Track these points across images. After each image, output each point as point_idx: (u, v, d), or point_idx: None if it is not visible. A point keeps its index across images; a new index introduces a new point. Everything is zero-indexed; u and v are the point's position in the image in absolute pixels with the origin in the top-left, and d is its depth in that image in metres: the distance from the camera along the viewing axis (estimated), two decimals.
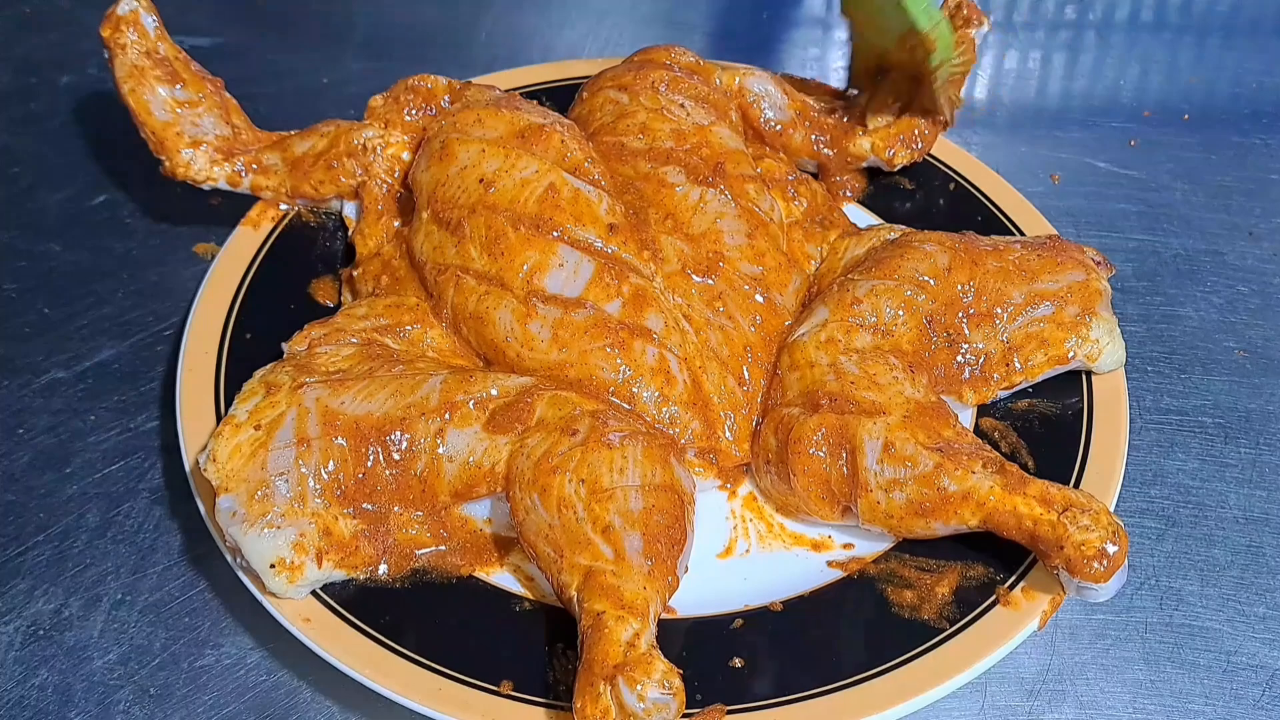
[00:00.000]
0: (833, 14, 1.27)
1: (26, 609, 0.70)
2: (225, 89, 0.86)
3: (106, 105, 1.06)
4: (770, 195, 0.82)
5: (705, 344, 0.75)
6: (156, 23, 0.83)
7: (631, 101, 0.80)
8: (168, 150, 0.83)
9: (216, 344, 0.78)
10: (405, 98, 0.85)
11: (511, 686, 0.62)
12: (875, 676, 0.62)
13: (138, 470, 0.78)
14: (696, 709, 0.60)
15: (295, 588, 0.64)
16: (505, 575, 0.68)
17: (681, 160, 0.76)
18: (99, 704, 0.66)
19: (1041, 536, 0.63)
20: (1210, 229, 0.99)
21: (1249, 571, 0.74)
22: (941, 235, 0.78)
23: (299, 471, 0.65)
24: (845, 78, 0.95)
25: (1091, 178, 1.04)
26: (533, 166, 0.76)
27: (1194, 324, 0.90)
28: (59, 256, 0.93)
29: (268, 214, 0.86)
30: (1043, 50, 1.22)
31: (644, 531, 0.62)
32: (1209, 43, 1.24)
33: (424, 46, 1.17)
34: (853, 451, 0.67)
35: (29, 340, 0.86)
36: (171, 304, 0.89)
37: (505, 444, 0.66)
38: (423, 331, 0.75)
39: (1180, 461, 0.80)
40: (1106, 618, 0.71)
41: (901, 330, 0.73)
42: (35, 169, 1.01)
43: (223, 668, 0.68)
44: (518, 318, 0.73)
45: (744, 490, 0.74)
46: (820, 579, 0.69)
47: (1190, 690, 0.68)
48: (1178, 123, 1.11)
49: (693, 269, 0.76)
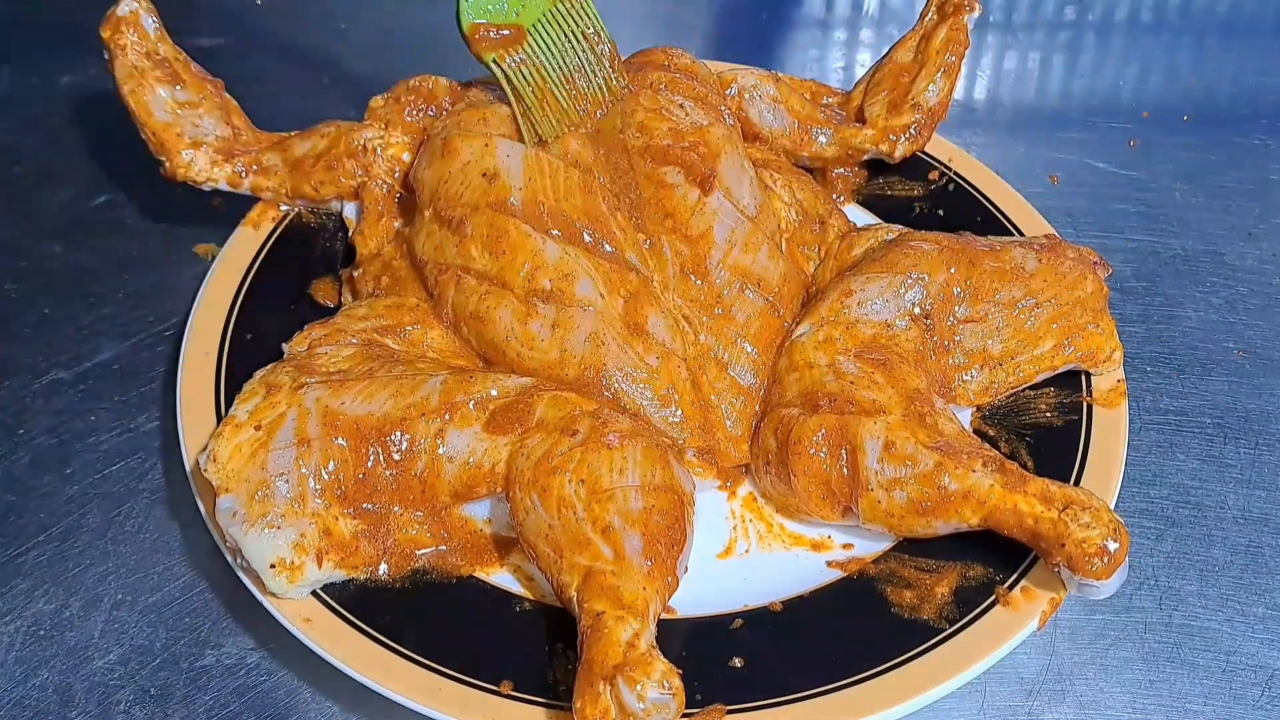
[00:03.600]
0: (832, 15, 1.28)
1: (27, 609, 0.70)
2: (225, 90, 0.86)
3: (106, 105, 1.06)
4: (769, 196, 0.82)
5: (704, 345, 0.75)
6: (157, 24, 0.83)
7: (630, 102, 0.80)
8: (168, 151, 0.83)
9: (217, 344, 0.78)
10: (406, 98, 0.85)
11: (511, 686, 0.62)
12: (875, 676, 0.62)
13: (138, 471, 0.78)
14: (696, 709, 0.60)
15: (295, 588, 0.64)
16: (505, 575, 0.68)
17: (680, 160, 0.76)
18: (99, 704, 0.66)
19: (1042, 534, 0.63)
20: (1210, 229, 0.99)
21: (1248, 571, 0.74)
22: (939, 235, 0.78)
23: (299, 472, 0.65)
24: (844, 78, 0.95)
25: (1091, 178, 1.04)
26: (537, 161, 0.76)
27: (1194, 324, 0.90)
28: (59, 257, 0.93)
29: (268, 214, 0.86)
30: (1042, 51, 1.22)
31: (644, 532, 0.62)
32: (1209, 43, 1.24)
33: (424, 47, 1.17)
34: (853, 451, 0.67)
35: (29, 340, 0.86)
36: (172, 304, 0.89)
37: (505, 444, 0.66)
38: (423, 332, 0.75)
39: (1180, 461, 0.80)
40: (1106, 618, 0.72)
41: (900, 330, 0.73)
42: (35, 169, 1.01)
43: (223, 668, 0.68)
44: (518, 317, 0.73)
45: (744, 490, 0.74)
46: (820, 579, 0.69)
47: (1190, 690, 0.68)
48: (1177, 123, 1.11)
49: (692, 269, 0.76)
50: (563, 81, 0.77)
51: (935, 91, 0.89)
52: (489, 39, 0.75)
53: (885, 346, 0.72)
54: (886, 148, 0.89)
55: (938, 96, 0.89)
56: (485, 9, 0.75)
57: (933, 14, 0.92)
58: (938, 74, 0.89)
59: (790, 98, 0.90)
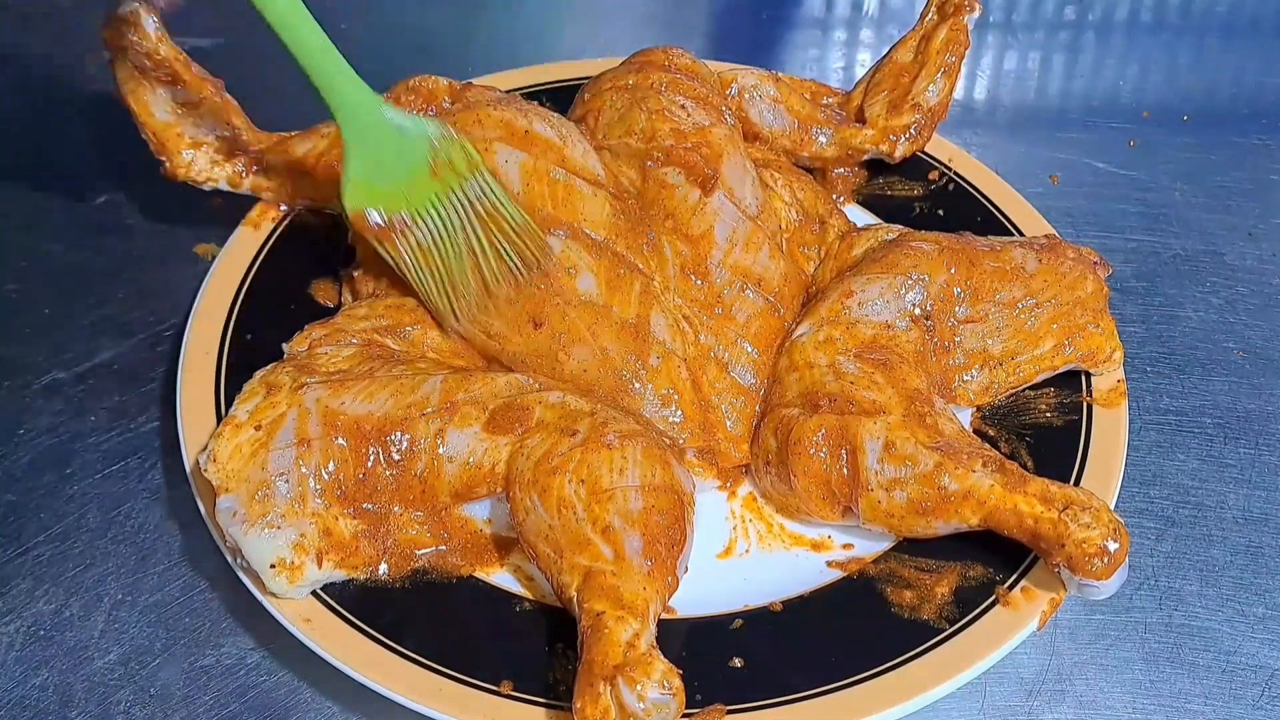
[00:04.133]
0: (832, 15, 1.28)
1: (27, 609, 0.70)
2: (225, 90, 0.86)
3: (106, 105, 1.06)
4: (769, 196, 0.82)
5: (705, 345, 0.75)
6: (157, 24, 0.83)
7: (632, 102, 0.80)
8: (168, 151, 0.83)
9: (217, 344, 0.78)
10: (405, 99, 0.85)
11: (511, 686, 0.62)
12: (875, 676, 0.62)
13: (138, 471, 0.78)
14: (696, 709, 0.60)
15: (295, 588, 0.64)
16: (505, 575, 0.68)
17: (681, 161, 0.76)
18: (99, 704, 0.66)
19: (1043, 534, 0.63)
20: (1210, 229, 0.99)
21: (1248, 572, 0.74)
22: (939, 235, 0.78)
23: (299, 472, 0.65)
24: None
25: (1091, 178, 1.04)
26: (534, 167, 0.76)
27: (1193, 324, 0.90)
28: (59, 257, 0.93)
29: (268, 214, 0.86)
30: (1042, 51, 1.22)
31: (644, 532, 0.62)
32: (1209, 43, 1.24)
33: (424, 47, 1.17)
34: (853, 451, 0.67)
35: (29, 340, 0.86)
36: (172, 304, 0.89)
37: (505, 444, 0.66)
38: (423, 332, 0.75)
39: (1180, 461, 0.80)
40: (1106, 618, 0.72)
41: (900, 331, 0.73)
42: (36, 169, 1.01)
43: (223, 668, 0.68)
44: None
45: (744, 491, 0.74)
46: (820, 579, 0.69)
47: (1189, 690, 0.68)
48: (1177, 123, 1.11)
49: (692, 270, 0.76)
50: (462, 261, 0.73)
51: (935, 92, 0.89)
52: (378, 225, 0.72)
53: (885, 347, 0.72)
54: (886, 148, 0.90)
55: (938, 97, 0.90)
56: (372, 192, 0.72)
57: (933, 14, 0.92)
58: (938, 74, 0.89)
59: (790, 98, 0.90)
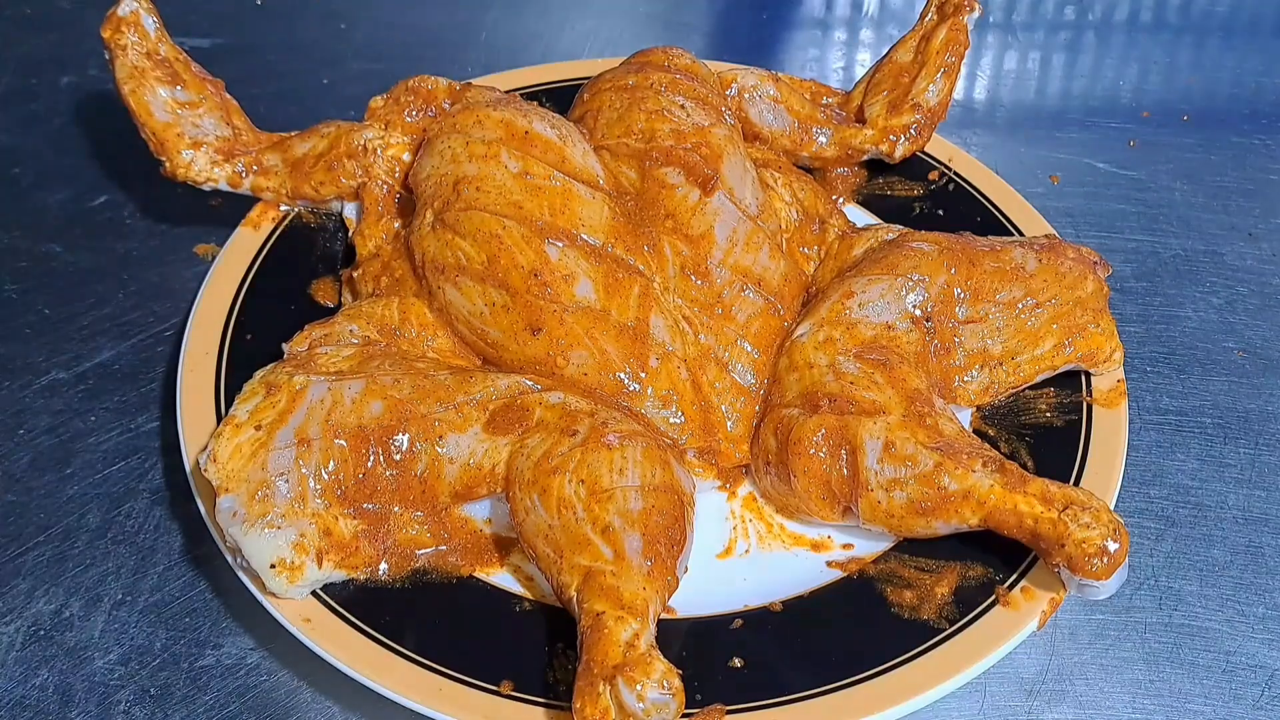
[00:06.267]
0: (832, 15, 1.28)
1: (27, 609, 0.70)
2: (226, 90, 0.86)
3: (106, 105, 1.06)
4: (769, 196, 0.82)
5: (705, 345, 0.75)
6: (157, 24, 0.83)
7: (631, 102, 0.80)
8: (168, 151, 0.83)
9: (217, 344, 0.78)
10: (405, 99, 0.85)
11: (511, 686, 0.62)
12: (875, 676, 0.62)
13: (138, 471, 0.78)
14: (696, 709, 0.60)
15: (295, 588, 0.64)
16: (505, 575, 0.68)
17: (681, 161, 0.76)
18: (99, 704, 0.66)
19: (1042, 534, 0.63)
20: (1209, 229, 0.99)
21: (1248, 572, 0.74)
22: (939, 236, 0.78)
23: (299, 472, 0.65)
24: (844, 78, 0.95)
25: (1090, 178, 1.04)
26: (534, 167, 0.76)
27: (1193, 324, 0.90)
28: (59, 257, 0.93)
29: (268, 215, 0.86)
30: (1042, 51, 1.22)
31: (643, 532, 0.62)
32: (1208, 43, 1.24)
33: (424, 47, 1.17)
34: (853, 451, 0.67)
35: (29, 340, 0.86)
36: (172, 304, 0.89)
37: (505, 445, 0.66)
38: (423, 332, 0.75)
39: (1180, 461, 0.80)
40: (1106, 618, 0.72)
41: (901, 332, 0.73)
42: (35, 169, 1.01)
43: (223, 668, 0.68)
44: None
45: (744, 491, 0.74)
46: (820, 579, 0.69)
47: (1190, 690, 0.68)
48: (1177, 123, 1.11)
49: (692, 270, 0.76)
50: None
51: (935, 92, 0.89)
52: None
53: (886, 347, 0.72)
54: (886, 148, 0.90)
55: (938, 97, 0.90)
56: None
57: (933, 14, 0.92)
58: (938, 74, 0.89)
59: (790, 98, 0.90)
